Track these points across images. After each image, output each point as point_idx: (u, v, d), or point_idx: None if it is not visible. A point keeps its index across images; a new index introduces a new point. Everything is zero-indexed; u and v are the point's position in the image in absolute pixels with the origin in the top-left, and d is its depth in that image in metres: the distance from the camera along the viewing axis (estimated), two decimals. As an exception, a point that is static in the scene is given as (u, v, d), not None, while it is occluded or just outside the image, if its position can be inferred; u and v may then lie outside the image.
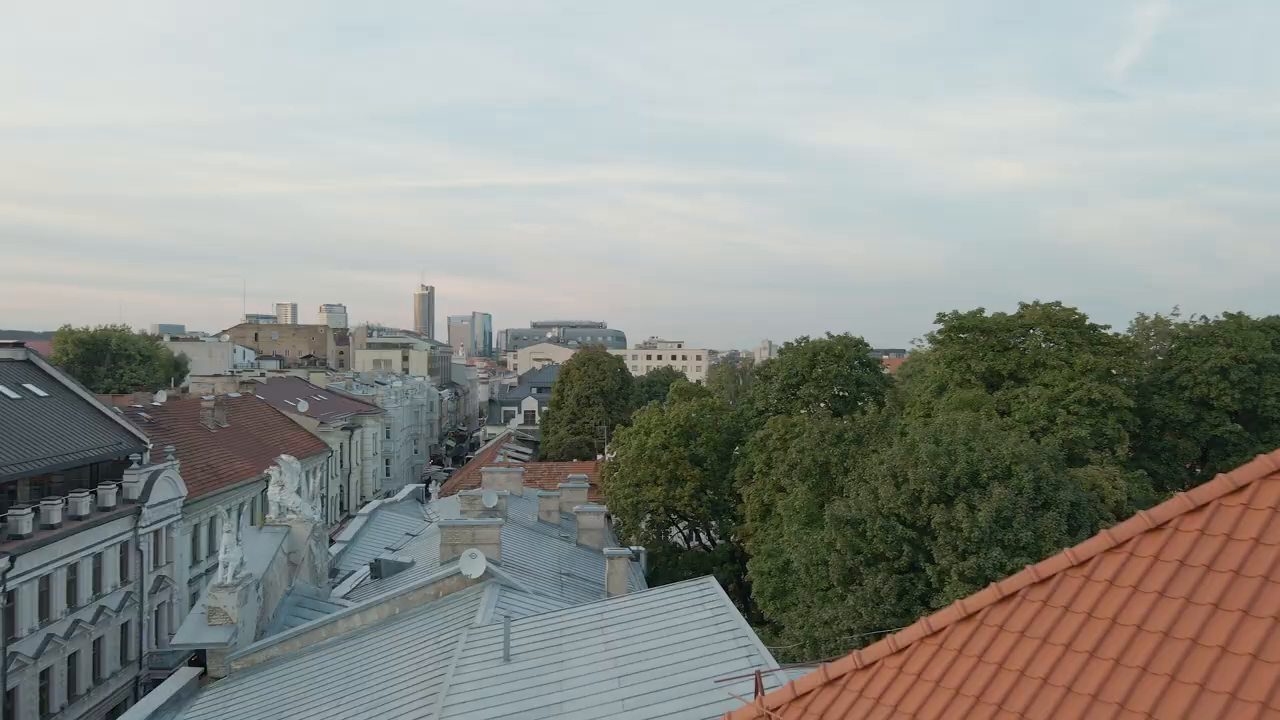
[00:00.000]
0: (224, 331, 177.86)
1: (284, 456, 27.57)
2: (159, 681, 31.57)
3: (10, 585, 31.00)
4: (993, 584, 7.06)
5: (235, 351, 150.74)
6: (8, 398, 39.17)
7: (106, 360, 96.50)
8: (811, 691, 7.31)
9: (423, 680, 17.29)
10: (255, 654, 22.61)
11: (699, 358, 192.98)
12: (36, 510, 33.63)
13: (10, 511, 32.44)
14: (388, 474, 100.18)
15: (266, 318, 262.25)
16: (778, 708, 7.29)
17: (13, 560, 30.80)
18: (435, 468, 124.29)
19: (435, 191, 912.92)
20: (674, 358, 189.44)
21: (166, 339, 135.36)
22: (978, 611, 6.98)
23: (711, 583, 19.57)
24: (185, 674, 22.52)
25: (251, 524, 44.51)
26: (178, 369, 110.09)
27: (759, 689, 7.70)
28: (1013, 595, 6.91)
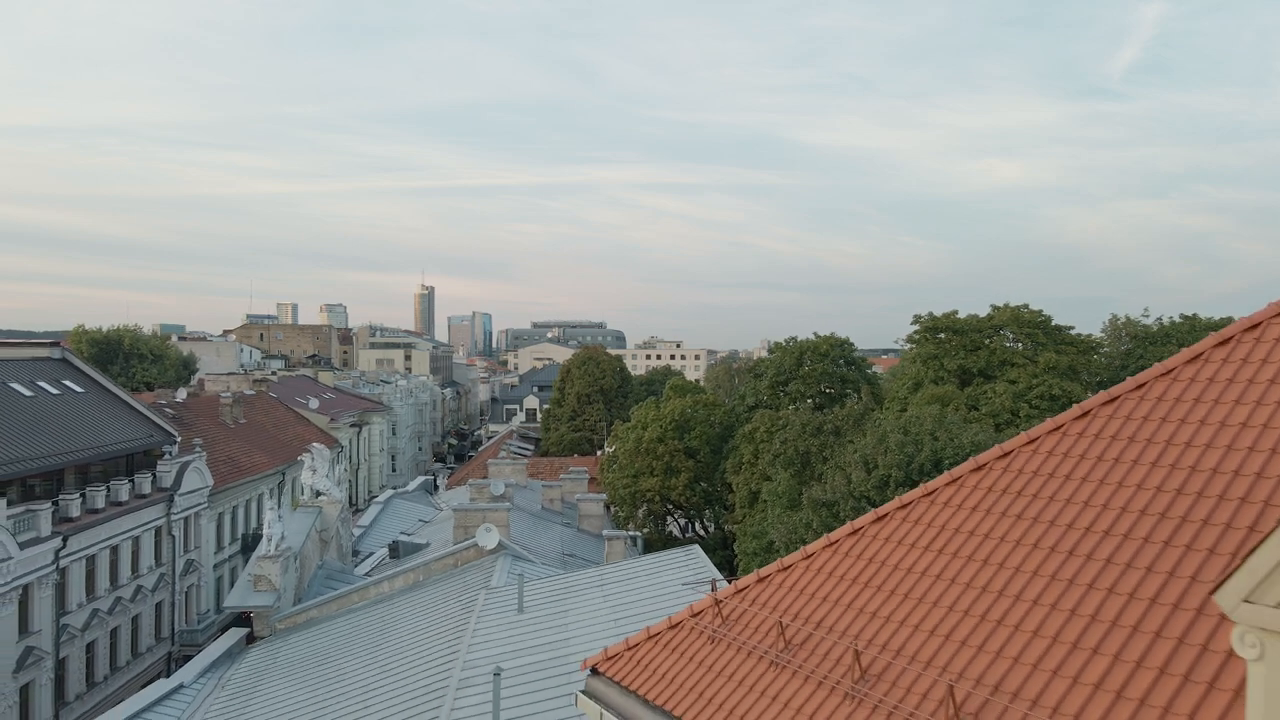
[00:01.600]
0: (230, 331, 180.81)
1: (316, 445, 30.62)
2: (189, 657, 34.70)
3: (62, 563, 34.04)
4: (872, 509, 10.11)
5: (242, 351, 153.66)
6: (50, 393, 42.22)
7: (119, 359, 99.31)
8: (748, 586, 10.35)
9: (449, 629, 20.33)
10: (296, 615, 25.67)
11: (697, 357, 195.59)
12: (83, 496, 36.69)
13: (60, 496, 35.50)
14: (393, 469, 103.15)
15: (268, 317, 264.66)
16: (724, 599, 10.34)
17: (65, 540, 33.83)
18: (438, 464, 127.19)
19: (435, 191, 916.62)
20: (673, 357, 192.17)
21: (174, 338, 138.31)
22: (861, 527, 10.01)
23: (696, 549, 22.71)
24: (234, 634, 25.51)
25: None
26: (187, 368, 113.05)
27: (714, 589, 10.74)
28: (884, 515, 9.95)
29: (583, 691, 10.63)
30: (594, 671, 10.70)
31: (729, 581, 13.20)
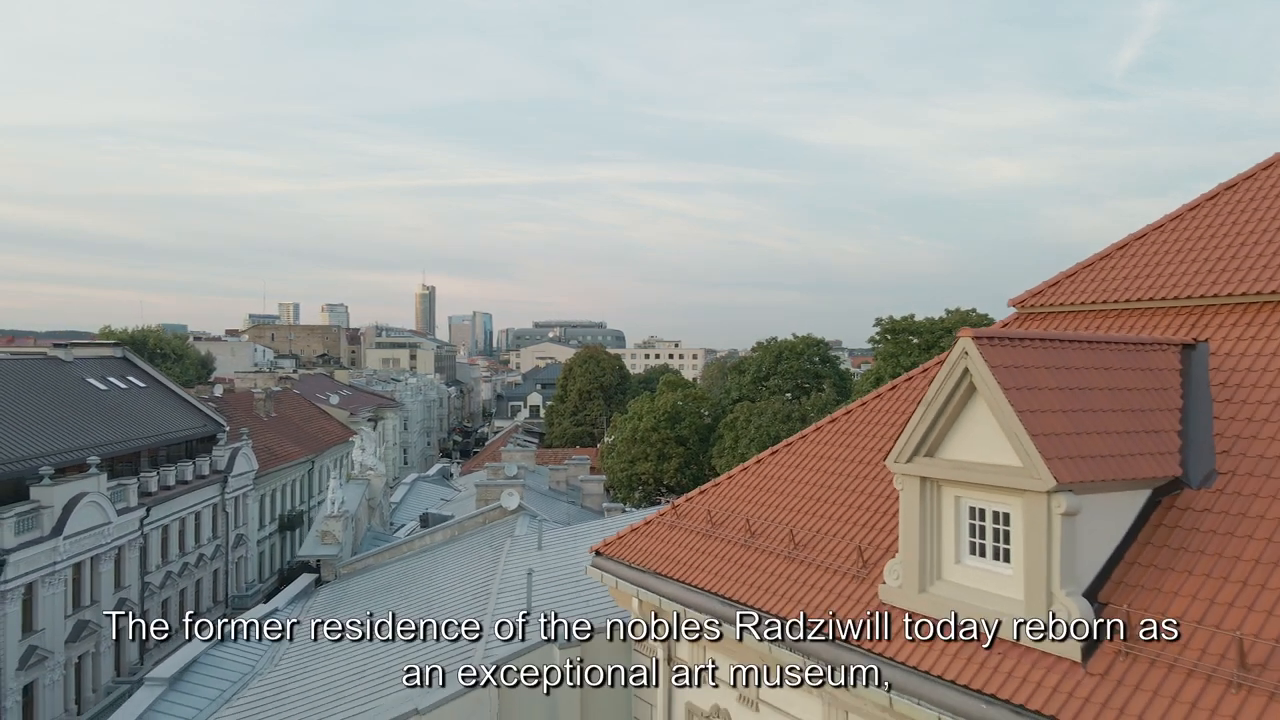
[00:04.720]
0: (242, 331, 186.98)
1: (364, 428, 36.71)
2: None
3: (146, 530, 40.16)
4: (755, 456, 16.23)
5: (255, 350, 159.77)
6: (119, 388, 48.39)
7: (144, 358, 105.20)
8: (694, 496, 16.46)
9: (485, 561, 26.43)
10: (356, 563, 31.78)
11: (695, 356, 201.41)
12: (158, 474, 42.81)
13: (141, 474, 41.61)
14: (405, 463, 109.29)
15: (270, 317, 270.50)
16: (680, 504, 16.45)
17: (148, 511, 39.96)
18: (444, 459, 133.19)
19: (435, 191, 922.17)
20: (671, 356, 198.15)
21: (191, 339, 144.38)
22: (763, 458, 16.11)
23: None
24: (306, 577, 31.59)
25: (309, 495, 53.52)
26: (205, 366, 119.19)
27: (672, 502, 16.85)
28: (778, 450, 16.03)
29: (591, 565, 16.75)
30: (597, 553, 16.83)
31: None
